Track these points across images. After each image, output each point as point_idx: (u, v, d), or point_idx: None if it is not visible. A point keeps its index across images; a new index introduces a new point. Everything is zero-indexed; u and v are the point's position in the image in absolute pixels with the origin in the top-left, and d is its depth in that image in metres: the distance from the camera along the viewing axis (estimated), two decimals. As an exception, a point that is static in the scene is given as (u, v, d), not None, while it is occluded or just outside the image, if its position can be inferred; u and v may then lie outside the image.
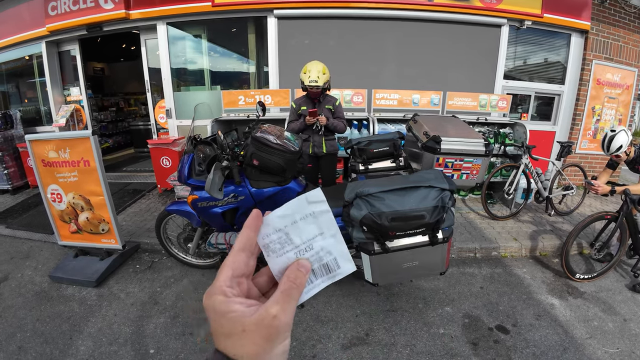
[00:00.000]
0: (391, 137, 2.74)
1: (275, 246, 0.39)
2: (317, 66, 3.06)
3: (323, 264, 0.40)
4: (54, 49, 5.78)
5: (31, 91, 6.38)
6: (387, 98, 4.36)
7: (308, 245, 0.39)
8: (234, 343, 0.33)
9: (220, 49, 5.34)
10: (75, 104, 5.98)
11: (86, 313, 2.76)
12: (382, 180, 1.80)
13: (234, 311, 0.34)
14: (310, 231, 0.39)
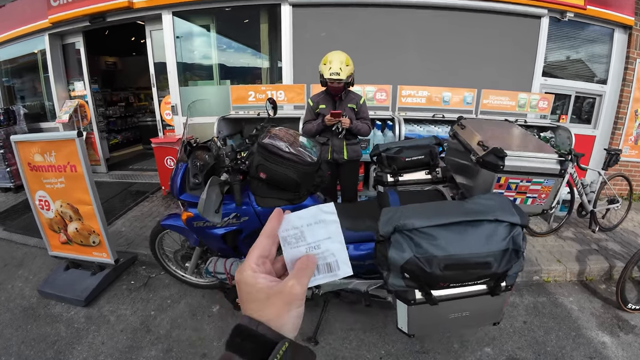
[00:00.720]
0: (427, 144, 2.28)
1: (291, 240, 0.47)
2: (340, 56, 2.59)
3: (327, 262, 0.47)
4: (57, 41, 5.49)
5: (36, 86, 6.13)
6: (415, 95, 3.87)
7: (317, 244, 0.47)
8: (259, 307, 0.42)
9: (229, 41, 4.93)
10: (80, 99, 5.69)
11: (72, 338, 2.46)
12: (429, 208, 1.35)
13: (260, 283, 0.43)
14: (321, 234, 0.47)
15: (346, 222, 1.90)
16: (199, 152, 2.06)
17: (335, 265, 0.47)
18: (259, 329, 0.40)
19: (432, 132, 3.49)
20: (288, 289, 0.42)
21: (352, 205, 2.09)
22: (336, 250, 0.47)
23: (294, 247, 0.47)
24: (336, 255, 0.47)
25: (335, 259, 0.47)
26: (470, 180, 1.69)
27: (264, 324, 0.40)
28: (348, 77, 2.61)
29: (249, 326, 0.40)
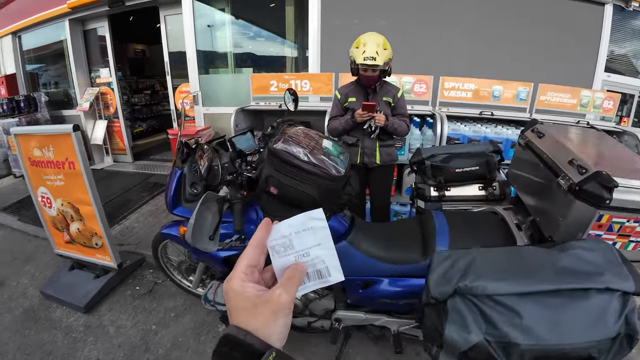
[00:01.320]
0: (482, 151, 1.80)
1: (280, 249, 0.47)
2: (377, 38, 2.13)
3: (317, 269, 0.47)
4: (78, 27, 5.32)
5: (61, 74, 6.04)
6: (459, 88, 3.33)
7: (306, 252, 0.46)
8: (247, 316, 0.41)
9: (252, 27, 4.55)
10: (105, 86, 5.52)
11: (68, 349, 2.27)
12: (505, 260, 0.91)
13: (248, 292, 0.43)
14: (309, 241, 0.46)
15: (377, 250, 1.49)
16: (204, 152, 1.70)
17: (326, 272, 0.47)
18: (247, 338, 0.40)
19: (479, 132, 2.97)
20: (275, 298, 0.42)
21: (384, 226, 1.67)
22: (326, 257, 0.47)
23: (282, 256, 0.47)
24: (326, 261, 0.47)
25: (325, 265, 0.47)
26: (550, 207, 1.23)
27: (251, 334, 0.40)
28: (385, 63, 2.14)
29: (237, 335, 0.40)
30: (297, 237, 0.46)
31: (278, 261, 0.47)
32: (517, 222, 1.48)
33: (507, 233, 1.44)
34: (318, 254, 0.47)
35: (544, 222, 1.28)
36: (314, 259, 0.47)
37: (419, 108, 3.26)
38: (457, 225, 1.49)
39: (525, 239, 1.39)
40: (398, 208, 3.24)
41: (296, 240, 0.46)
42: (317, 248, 0.46)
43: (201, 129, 4.34)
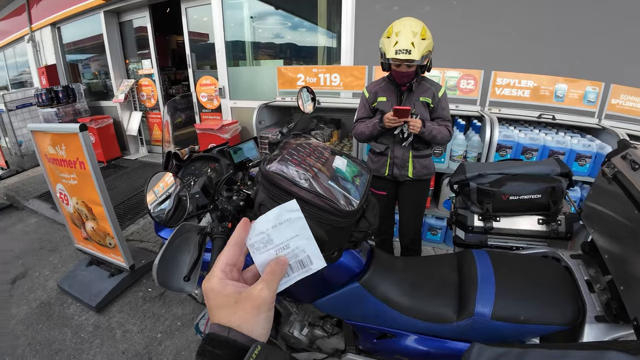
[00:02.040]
0: (546, 173, 1.40)
1: (259, 245, 0.46)
2: (413, 25, 1.71)
3: (298, 260, 0.47)
4: (113, 19, 5.34)
5: (99, 65, 6.16)
6: (515, 86, 2.84)
7: (286, 244, 0.46)
8: (228, 313, 0.41)
9: (282, 14, 4.27)
10: (147, 77, 5.52)
11: (75, 350, 2.24)
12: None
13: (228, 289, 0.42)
14: (288, 233, 0.46)
15: (398, 297, 1.18)
16: (200, 163, 1.46)
17: (308, 261, 0.48)
18: (230, 334, 0.40)
19: (537, 140, 2.49)
20: (257, 293, 0.42)
21: (411, 263, 1.33)
22: (306, 246, 0.47)
23: (263, 252, 0.47)
24: (306, 250, 0.47)
25: (306, 254, 0.47)
26: None
27: (234, 330, 0.40)
28: (424, 57, 1.74)
29: (220, 333, 0.40)
30: (275, 231, 0.47)
31: (259, 258, 0.47)
32: (588, 279, 1.09)
33: (572, 293, 1.06)
34: (298, 245, 0.47)
35: (630, 295, 0.89)
36: (294, 249, 0.47)
37: (464, 108, 2.82)
38: (506, 274, 1.14)
39: (598, 307, 1.01)
40: (433, 222, 2.86)
41: (274, 234, 0.47)
42: (296, 239, 0.47)
43: (227, 123, 4.18)
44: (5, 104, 5.35)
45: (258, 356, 0.38)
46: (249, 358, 0.37)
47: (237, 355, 0.38)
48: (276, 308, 1.59)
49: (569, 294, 1.06)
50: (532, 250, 1.39)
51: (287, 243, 0.46)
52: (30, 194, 4.64)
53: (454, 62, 2.98)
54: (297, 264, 0.47)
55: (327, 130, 3.34)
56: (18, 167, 5.81)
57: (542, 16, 3.05)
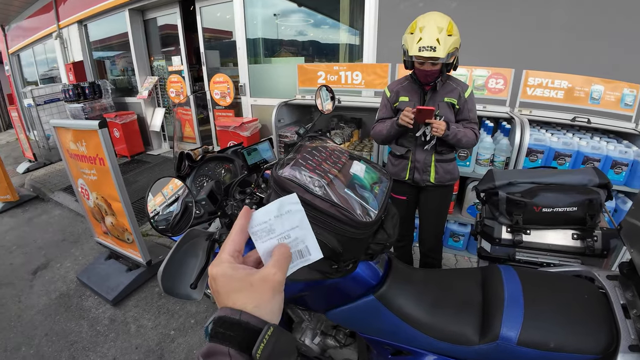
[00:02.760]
0: (583, 184, 1.28)
1: (261, 234, 0.48)
2: (439, 20, 1.60)
3: (298, 250, 0.49)
4: (138, 17, 5.42)
5: (125, 62, 6.29)
6: (547, 86, 2.66)
7: (287, 234, 0.48)
8: (244, 296, 0.41)
9: (304, 10, 4.21)
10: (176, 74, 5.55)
11: (90, 343, 2.28)
12: None
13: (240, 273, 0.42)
14: (289, 224, 0.48)
15: (416, 312, 1.09)
16: (213, 164, 1.42)
17: (306, 251, 0.49)
18: (242, 317, 0.40)
19: (571, 145, 2.32)
20: (272, 276, 0.43)
21: (432, 276, 1.24)
22: (305, 237, 0.49)
23: (265, 240, 0.48)
24: (305, 241, 0.49)
25: (305, 245, 0.49)
26: None
27: (246, 312, 0.40)
28: (450, 54, 1.62)
29: (231, 316, 0.40)
30: (276, 221, 0.48)
31: (262, 246, 0.48)
32: (624, 303, 0.98)
33: (607, 319, 0.95)
34: (297, 235, 0.49)
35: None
36: (294, 240, 0.49)
37: (492, 109, 2.67)
38: (535, 294, 1.03)
39: (633, 335, 0.89)
40: (455, 228, 2.73)
41: (276, 224, 0.48)
42: (297, 230, 0.49)
43: (247, 120, 4.16)
44: (33, 99, 5.55)
45: (270, 337, 0.38)
46: (262, 339, 0.38)
47: (249, 336, 0.39)
48: (288, 314, 1.53)
49: (603, 320, 0.95)
50: (564, 267, 1.28)
51: (288, 233, 0.48)
52: (55, 186, 4.79)
53: (483, 60, 2.83)
54: (297, 254, 0.49)
55: (347, 129, 3.26)
56: (45, 160, 6.04)
57: (577, 12, 2.85)
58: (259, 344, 0.38)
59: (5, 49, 9.20)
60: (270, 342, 0.38)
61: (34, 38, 7.71)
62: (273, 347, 0.38)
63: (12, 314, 2.57)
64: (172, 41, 5.52)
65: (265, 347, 0.38)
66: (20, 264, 3.20)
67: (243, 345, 0.38)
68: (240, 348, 0.38)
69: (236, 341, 0.38)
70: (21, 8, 7.44)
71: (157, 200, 0.95)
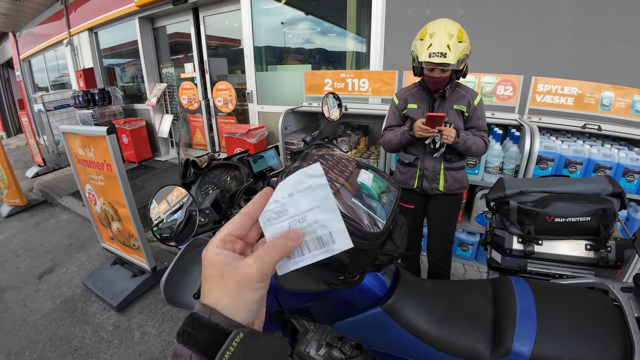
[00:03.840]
0: (596, 193, 1.24)
1: (271, 215, 0.40)
2: (449, 27, 1.59)
3: (316, 236, 0.39)
4: (147, 25, 5.51)
5: (134, 69, 6.37)
6: (557, 93, 2.62)
7: (302, 216, 0.39)
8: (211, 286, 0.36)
9: (310, 18, 4.23)
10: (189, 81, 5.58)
11: (93, 350, 2.27)
12: None
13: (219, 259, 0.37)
14: (305, 204, 0.39)
15: (425, 325, 1.06)
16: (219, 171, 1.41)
17: (329, 238, 0.39)
18: (212, 317, 0.34)
19: (582, 152, 2.28)
20: (244, 268, 0.36)
21: (441, 288, 1.21)
22: (327, 221, 0.38)
23: (274, 224, 0.40)
24: (328, 226, 0.39)
25: (327, 230, 0.39)
26: None
27: (217, 312, 0.35)
28: (460, 61, 1.60)
29: (201, 314, 0.35)
30: (291, 200, 0.39)
31: (270, 230, 0.40)
32: (638, 316, 0.94)
33: (621, 332, 0.92)
34: (317, 219, 0.39)
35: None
36: (312, 224, 0.39)
37: (501, 116, 2.64)
38: (548, 307, 1.00)
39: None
40: (464, 237, 2.69)
41: (290, 204, 0.39)
42: (316, 211, 0.39)
43: (254, 127, 4.17)
44: (44, 104, 5.64)
45: (240, 343, 0.32)
46: (228, 347, 0.32)
47: (216, 341, 0.33)
48: (293, 325, 1.51)
49: (617, 333, 0.92)
50: (577, 279, 1.24)
51: (304, 215, 0.39)
52: (64, 191, 4.84)
53: (491, 67, 2.81)
54: (315, 241, 0.40)
55: (354, 137, 3.24)
56: (55, 165, 6.11)
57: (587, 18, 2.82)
58: (223, 352, 0.32)
59: (17, 54, 9.36)
60: (239, 350, 0.32)
61: (45, 44, 7.86)
62: (242, 356, 0.32)
63: (17, 317, 2.57)
64: (181, 49, 5.58)
65: (231, 355, 0.32)
66: (27, 267, 3.22)
67: (208, 351, 0.33)
68: (204, 353, 0.33)
69: (200, 346, 0.33)
70: (32, 15, 7.60)
71: (162, 207, 0.94)
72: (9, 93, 11.83)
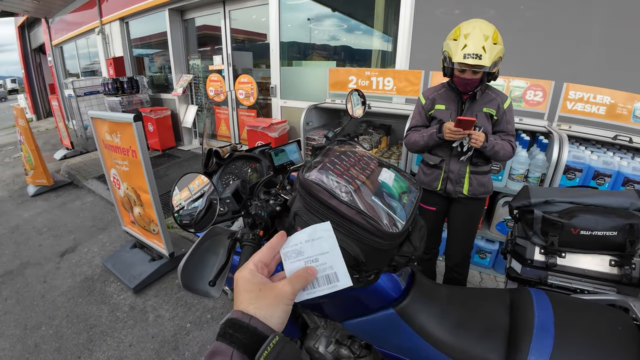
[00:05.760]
0: (624, 207, 1.18)
1: (291, 254, 0.52)
2: (485, 28, 1.54)
3: (326, 274, 0.50)
4: (177, 16, 5.61)
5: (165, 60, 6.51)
6: (589, 101, 2.51)
7: (315, 258, 0.51)
8: (251, 298, 0.45)
9: (337, 15, 4.21)
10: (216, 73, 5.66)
11: (108, 329, 2.35)
12: None
13: (257, 278, 0.48)
14: (319, 249, 0.52)
15: (439, 331, 1.04)
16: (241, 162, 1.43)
17: (334, 277, 0.50)
18: (251, 322, 0.42)
19: (611, 164, 2.18)
20: (280, 287, 0.47)
21: (456, 294, 1.18)
22: (334, 263, 0.50)
23: (294, 261, 0.51)
24: (334, 267, 0.50)
25: (333, 271, 0.50)
26: None
27: (255, 318, 0.43)
28: (494, 63, 1.56)
29: (241, 319, 0.43)
30: (307, 245, 0.52)
31: (290, 266, 0.51)
32: None
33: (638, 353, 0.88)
34: (326, 261, 0.51)
35: None
36: (322, 264, 0.51)
37: (529, 122, 2.55)
38: (567, 323, 0.96)
39: None
40: (483, 244, 2.63)
41: (306, 248, 0.52)
42: (326, 255, 0.51)
43: (276, 122, 4.20)
44: (74, 90, 5.85)
45: (275, 346, 0.40)
46: (267, 346, 0.40)
47: (255, 342, 0.41)
48: (304, 319, 1.51)
49: (636, 354, 0.88)
50: (598, 295, 1.19)
51: (317, 257, 0.51)
52: (90, 174, 5.01)
53: (521, 71, 2.72)
54: (324, 278, 0.50)
55: (375, 135, 3.22)
56: (82, 149, 6.33)
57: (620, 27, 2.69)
58: (262, 350, 0.39)
59: (49, 40, 9.65)
60: (275, 350, 0.40)
61: (77, 32, 8.10)
62: (277, 356, 0.40)
63: (36, 293, 2.68)
64: (209, 41, 5.66)
65: (268, 354, 0.39)
66: (49, 245, 3.36)
67: (248, 349, 0.40)
68: (245, 351, 0.40)
69: (242, 344, 0.41)
70: (65, 2, 7.82)
71: (183, 194, 0.95)
72: (40, 77, 12.21)
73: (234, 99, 5.23)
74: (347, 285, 0.49)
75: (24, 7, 7.96)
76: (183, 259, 0.92)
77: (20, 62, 12.09)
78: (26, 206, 4.32)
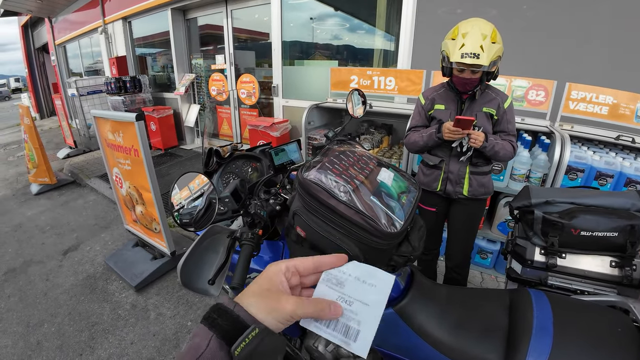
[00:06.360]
0: (626, 208, 1.18)
1: (330, 279, 0.46)
2: (483, 27, 1.53)
3: (347, 324, 0.42)
4: (179, 16, 5.62)
5: (168, 59, 6.53)
6: (591, 101, 2.50)
7: (351, 300, 0.43)
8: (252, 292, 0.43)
9: (339, 14, 4.21)
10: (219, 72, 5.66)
11: (109, 326, 2.36)
12: None
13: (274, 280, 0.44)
14: (361, 294, 0.43)
15: (437, 331, 1.04)
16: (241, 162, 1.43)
17: (353, 335, 0.42)
18: (235, 309, 0.40)
19: (614, 165, 2.17)
20: (283, 302, 0.41)
21: (456, 294, 1.18)
22: (365, 322, 0.42)
23: (329, 287, 0.45)
24: (362, 326, 0.42)
25: (358, 328, 0.42)
26: None
27: (241, 307, 0.40)
28: (493, 63, 1.54)
29: (227, 306, 0.40)
30: (353, 282, 0.44)
31: (321, 289, 0.45)
32: None
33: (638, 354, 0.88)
34: (360, 312, 0.43)
35: None
36: (353, 312, 0.43)
37: (531, 122, 2.54)
38: (566, 324, 0.96)
39: None
40: (484, 244, 2.62)
41: (350, 284, 0.44)
42: (364, 307, 0.43)
43: (278, 121, 4.20)
44: (77, 89, 5.88)
45: (255, 337, 0.38)
46: (245, 337, 0.37)
47: (238, 328, 0.38)
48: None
49: (635, 356, 0.88)
50: (598, 296, 1.19)
51: (353, 301, 0.43)
52: (92, 173, 5.04)
53: (523, 71, 2.71)
54: (343, 326, 0.43)
55: (377, 135, 3.22)
56: (85, 148, 6.37)
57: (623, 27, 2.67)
58: (240, 341, 0.37)
59: (52, 40, 9.68)
60: (253, 342, 0.37)
61: (80, 31, 8.12)
62: (255, 348, 0.37)
63: (39, 291, 2.70)
64: (211, 40, 5.67)
65: (246, 345, 0.37)
66: (52, 243, 3.38)
67: (227, 337, 0.38)
68: (223, 337, 0.38)
69: (223, 330, 0.38)
70: (68, 2, 7.86)
71: (183, 193, 0.96)
72: (43, 77, 12.24)
73: (235, 98, 5.23)
74: (359, 354, 0.42)
75: (28, 7, 7.99)
76: (183, 257, 0.92)
77: (24, 61, 12.13)
78: (29, 204, 4.35)
